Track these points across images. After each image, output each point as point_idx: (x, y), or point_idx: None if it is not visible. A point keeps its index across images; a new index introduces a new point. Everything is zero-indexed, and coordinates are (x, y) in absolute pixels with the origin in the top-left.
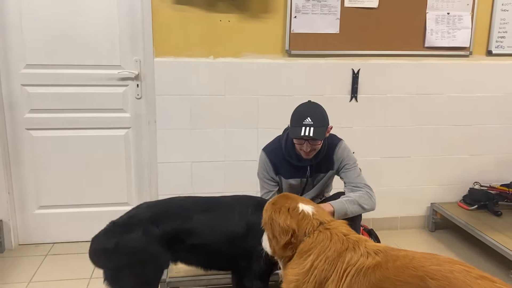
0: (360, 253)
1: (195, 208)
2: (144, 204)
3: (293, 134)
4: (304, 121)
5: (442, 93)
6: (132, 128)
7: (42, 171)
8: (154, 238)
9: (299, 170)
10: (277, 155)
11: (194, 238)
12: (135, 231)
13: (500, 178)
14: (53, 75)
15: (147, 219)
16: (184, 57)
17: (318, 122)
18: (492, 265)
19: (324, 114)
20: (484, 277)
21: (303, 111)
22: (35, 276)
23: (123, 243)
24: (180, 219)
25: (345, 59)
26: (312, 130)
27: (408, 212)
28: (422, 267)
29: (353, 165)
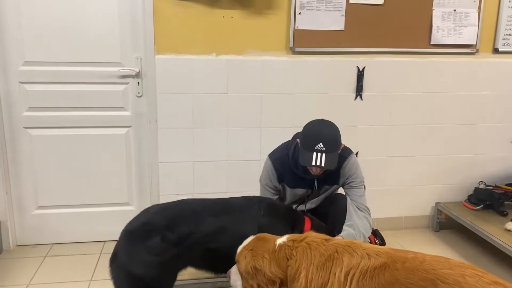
0: (359, 255)
1: (207, 212)
2: (153, 207)
3: (303, 161)
4: (316, 146)
5: (448, 91)
6: (132, 127)
7: (40, 170)
8: (172, 244)
9: (305, 181)
10: (283, 163)
11: (207, 243)
12: (154, 238)
13: (505, 177)
14: (52, 72)
15: (164, 225)
16: (186, 54)
17: (330, 148)
18: (499, 267)
19: (337, 136)
20: (496, 282)
21: (316, 134)
22: (34, 278)
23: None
24: (194, 224)
25: (350, 56)
26: (324, 158)
27: (412, 212)
28: (433, 270)
29: (359, 183)
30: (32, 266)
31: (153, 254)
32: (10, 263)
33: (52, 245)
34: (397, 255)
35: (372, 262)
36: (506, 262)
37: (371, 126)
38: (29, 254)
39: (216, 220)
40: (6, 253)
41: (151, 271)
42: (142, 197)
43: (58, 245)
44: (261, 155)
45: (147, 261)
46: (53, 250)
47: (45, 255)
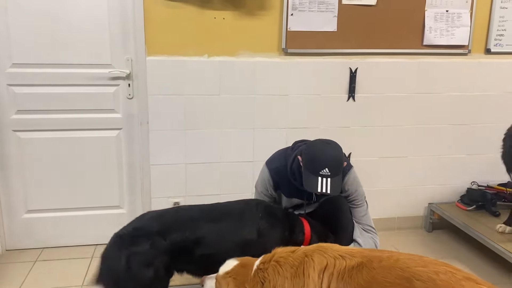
0: (331, 256)
1: (203, 218)
2: (149, 214)
3: (308, 186)
4: (321, 171)
5: (440, 92)
6: (123, 129)
7: (30, 174)
8: (162, 251)
9: (303, 193)
10: (281, 174)
11: (204, 249)
12: (143, 244)
13: (498, 177)
14: (41, 74)
15: (156, 232)
16: (178, 56)
17: (335, 172)
18: (492, 267)
19: (342, 158)
20: (468, 278)
21: (321, 158)
22: (24, 284)
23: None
24: (189, 230)
25: (343, 57)
26: (329, 183)
27: (405, 213)
28: (408, 268)
29: (361, 201)
30: (22, 271)
31: (140, 260)
32: None
33: (42, 249)
34: (372, 254)
35: (348, 262)
36: (498, 262)
37: (364, 127)
38: (19, 259)
39: (214, 226)
40: None
41: (137, 276)
42: (134, 200)
43: (48, 249)
44: (254, 156)
45: (133, 267)
46: (43, 254)
47: (35, 259)
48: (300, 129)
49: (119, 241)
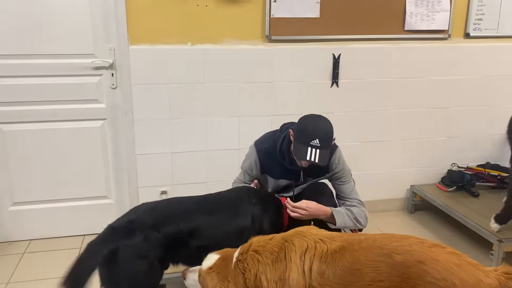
0: (311, 239)
1: (197, 210)
2: (143, 206)
3: (298, 155)
4: (311, 142)
5: (421, 76)
6: (108, 119)
7: (14, 166)
8: (156, 244)
9: (291, 173)
10: (269, 155)
11: (200, 240)
12: (136, 237)
13: (477, 158)
14: (22, 65)
15: (150, 225)
16: (161, 44)
17: (325, 144)
18: (472, 246)
19: (331, 132)
20: (436, 245)
21: (312, 129)
22: (13, 276)
23: (123, 249)
24: (184, 222)
25: (326, 44)
26: (318, 154)
27: (388, 195)
28: (386, 245)
29: (347, 177)
30: (11, 263)
31: (133, 253)
32: None
33: (30, 241)
34: (351, 238)
35: (329, 246)
36: (477, 241)
37: (346, 112)
38: (7, 251)
39: (208, 217)
40: None
41: (130, 268)
42: (121, 190)
43: (36, 241)
44: (240, 144)
45: (125, 259)
46: (31, 246)
47: (23, 252)
48: (285, 116)
49: (112, 232)
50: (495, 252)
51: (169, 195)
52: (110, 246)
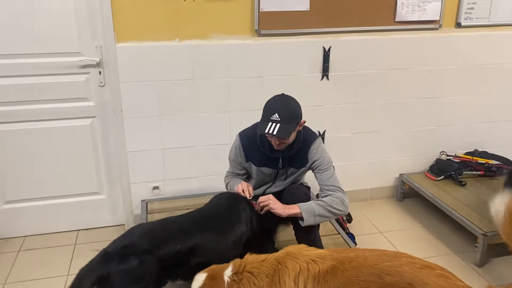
0: (303, 260)
1: (195, 228)
2: (139, 228)
3: (259, 129)
4: (271, 117)
5: (412, 67)
6: (97, 117)
7: (5, 165)
8: (152, 267)
9: (271, 160)
10: (251, 142)
11: (200, 257)
12: (131, 262)
13: (466, 146)
14: (8, 65)
15: (145, 249)
16: (148, 41)
17: (285, 119)
18: (456, 236)
19: (294, 109)
20: (426, 266)
21: (273, 105)
22: (10, 276)
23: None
24: (182, 243)
25: (316, 37)
26: (278, 127)
27: (377, 184)
28: (376, 264)
29: (327, 165)
30: (7, 262)
31: (128, 279)
32: None
33: (24, 237)
34: (341, 256)
35: (321, 266)
36: (462, 231)
37: (337, 105)
38: (2, 249)
39: (205, 234)
40: None
41: None
42: (113, 186)
43: (31, 237)
44: (230, 139)
45: (120, 284)
46: (26, 243)
47: (18, 249)
48: None
49: (106, 258)
50: (479, 245)
51: (161, 190)
52: (101, 272)
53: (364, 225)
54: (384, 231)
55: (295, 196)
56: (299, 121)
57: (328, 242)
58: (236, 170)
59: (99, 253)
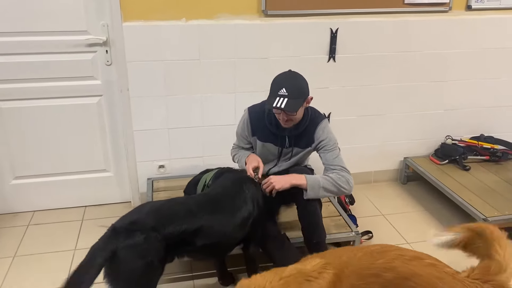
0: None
1: (200, 210)
2: (147, 206)
3: (267, 105)
4: (279, 92)
5: (420, 50)
6: (104, 96)
7: (14, 142)
8: (157, 245)
9: (277, 138)
10: (259, 118)
11: (206, 239)
12: (137, 238)
13: (472, 131)
14: (15, 43)
15: (151, 227)
16: (155, 21)
17: (293, 94)
18: (460, 220)
19: (302, 85)
20: (415, 257)
21: (281, 81)
22: (19, 249)
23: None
24: (188, 223)
25: (324, 18)
26: (285, 101)
27: (381, 167)
28: (372, 264)
29: (332, 146)
30: (16, 236)
31: (133, 253)
32: None
33: (33, 212)
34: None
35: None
36: (465, 215)
37: (343, 87)
38: (12, 223)
39: (212, 218)
40: None
41: (130, 267)
42: (119, 164)
43: (39, 212)
44: (236, 119)
45: (126, 259)
46: (35, 218)
47: (27, 223)
48: None
49: (114, 232)
50: None
51: (166, 169)
52: (111, 247)
53: (366, 207)
54: (386, 214)
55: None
56: (306, 97)
57: (330, 223)
58: (242, 143)
59: (108, 229)
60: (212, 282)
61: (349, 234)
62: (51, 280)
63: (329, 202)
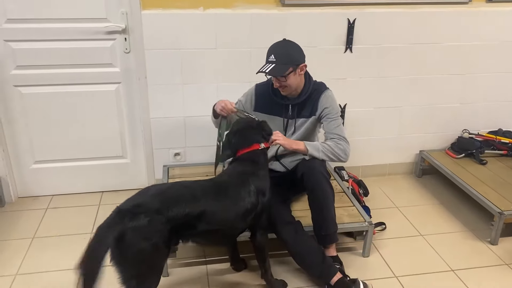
0: None
1: (204, 195)
2: (152, 189)
3: (258, 70)
4: (269, 58)
5: (438, 42)
6: (122, 83)
7: (34, 127)
8: (161, 227)
9: (281, 108)
10: (264, 89)
11: (207, 225)
12: (141, 220)
13: (489, 125)
14: (36, 29)
15: (156, 209)
16: (173, 9)
17: (280, 60)
18: (474, 214)
19: (291, 52)
20: None
21: (271, 48)
22: (38, 231)
23: (128, 231)
24: (191, 207)
25: (341, 8)
26: (272, 67)
27: (397, 159)
28: None
29: (335, 115)
30: (35, 218)
31: (137, 235)
32: (14, 215)
33: (52, 196)
34: None
35: None
36: (480, 209)
37: (360, 78)
38: (31, 206)
39: (215, 203)
40: (9, 205)
41: (135, 249)
42: (136, 151)
43: (58, 197)
44: None
45: (130, 241)
46: (53, 201)
47: (46, 207)
48: None
49: (119, 215)
50: (495, 223)
51: (182, 156)
52: (117, 228)
53: (380, 199)
54: (400, 206)
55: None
56: (296, 64)
57: (343, 213)
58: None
59: (113, 211)
60: (225, 267)
61: (362, 224)
62: (68, 261)
63: (342, 193)
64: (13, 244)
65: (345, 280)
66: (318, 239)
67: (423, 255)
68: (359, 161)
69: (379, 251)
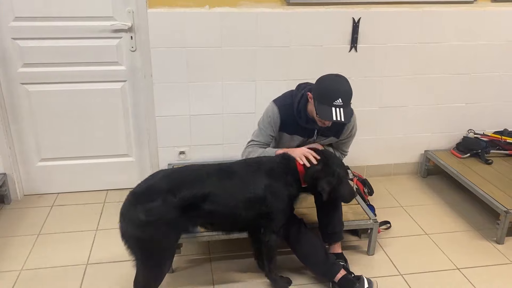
0: None
1: (209, 178)
2: (161, 173)
3: (323, 116)
4: (334, 102)
5: (443, 41)
6: (128, 81)
7: (41, 125)
8: (173, 206)
9: (305, 131)
10: (287, 112)
11: (211, 205)
12: (155, 201)
13: (495, 125)
14: (43, 27)
15: (167, 189)
16: (179, 7)
17: (347, 102)
18: (480, 214)
19: (351, 90)
20: None
21: (334, 89)
22: (44, 228)
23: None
24: (197, 188)
25: (346, 7)
26: (343, 113)
27: (402, 159)
28: None
29: (354, 136)
30: (41, 215)
31: (153, 215)
32: (20, 212)
33: (57, 194)
34: None
35: None
36: (486, 209)
37: (365, 77)
38: (37, 203)
39: (220, 185)
40: (15, 203)
41: (150, 231)
42: (141, 149)
43: (63, 194)
44: (256, 108)
45: (147, 222)
46: (59, 199)
47: (51, 204)
48: (301, 80)
49: (134, 197)
50: (501, 222)
51: (187, 155)
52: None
53: (385, 198)
54: (405, 205)
55: None
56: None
57: (348, 211)
58: (264, 139)
59: (128, 195)
60: (229, 264)
61: (367, 221)
62: (73, 257)
63: None
64: (19, 241)
65: (349, 277)
66: (324, 237)
67: (429, 253)
68: (364, 160)
69: (384, 249)
